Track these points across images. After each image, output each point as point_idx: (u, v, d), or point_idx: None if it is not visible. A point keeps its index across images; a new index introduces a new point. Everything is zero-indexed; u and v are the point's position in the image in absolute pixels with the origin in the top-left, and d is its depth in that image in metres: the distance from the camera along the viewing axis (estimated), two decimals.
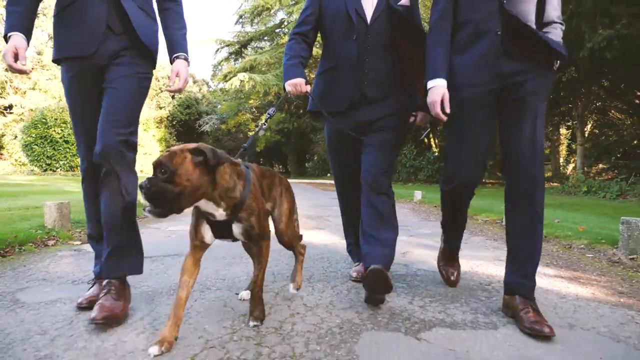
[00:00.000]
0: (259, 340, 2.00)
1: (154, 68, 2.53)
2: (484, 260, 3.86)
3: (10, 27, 2.22)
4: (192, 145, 1.80)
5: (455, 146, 2.49)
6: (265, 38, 34.28)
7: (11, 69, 2.22)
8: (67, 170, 19.31)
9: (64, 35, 2.33)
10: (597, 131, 19.75)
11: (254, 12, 31.39)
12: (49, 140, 20.96)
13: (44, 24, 37.80)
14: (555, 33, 2.34)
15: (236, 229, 2.02)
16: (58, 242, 4.52)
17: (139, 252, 2.45)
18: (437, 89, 2.39)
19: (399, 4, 2.68)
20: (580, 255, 4.22)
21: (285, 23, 30.53)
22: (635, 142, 15.81)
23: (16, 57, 2.20)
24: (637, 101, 15.08)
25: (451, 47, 2.47)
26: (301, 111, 38.44)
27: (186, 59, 2.53)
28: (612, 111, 18.17)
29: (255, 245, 2.14)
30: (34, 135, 19.03)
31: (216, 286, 2.93)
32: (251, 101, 43.38)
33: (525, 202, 2.30)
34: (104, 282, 2.31)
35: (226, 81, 30.64)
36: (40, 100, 34.83)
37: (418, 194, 11.34)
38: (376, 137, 2.72)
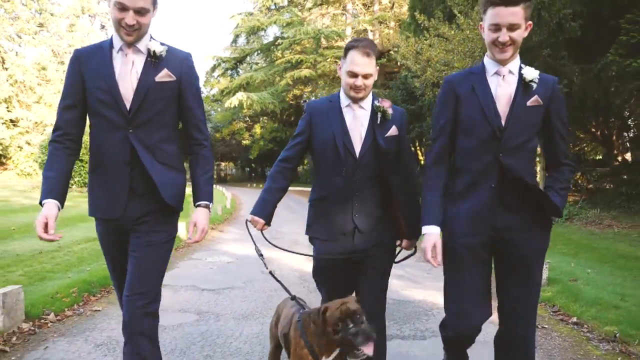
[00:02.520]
0: None
1: (176, 228, 2.62)
2: (435, 290, 5.68)
3: (45, 193, 2.30)
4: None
5: (453, 291, 2.47)
6: (260, 54, 36.07)
7: (40, 238, 2.26)
8: (81, 187, 20.91)
9: (95, 195, 2.43)
10: None
11: (249, 32, 33.15)
12: None
13: (49, 41, 39.45)
14: (559, 187, 2.42)
15: None
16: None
17: None
18: (430, 236, 2.44)
19: (387, 135, 2.67)
20: None
21: (280, 41, 32.20)
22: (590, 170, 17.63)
23: (46, 227, 2.23)
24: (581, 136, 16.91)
25: (448, 192, 2.51)
26: (292, 119, 40.19)
27: (207, 207, 2.52)
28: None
29: None
30: None
31: None
32: (245, 111, 45.11)
33: (518, 344, 2.44)
34: None
35: (223, 96, 32.45)
36: (45, 113, 36.47)
37: None
38: (370, 264, 2.72)
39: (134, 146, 2.32)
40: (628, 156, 17.14)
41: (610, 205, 13.42)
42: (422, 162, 25.64)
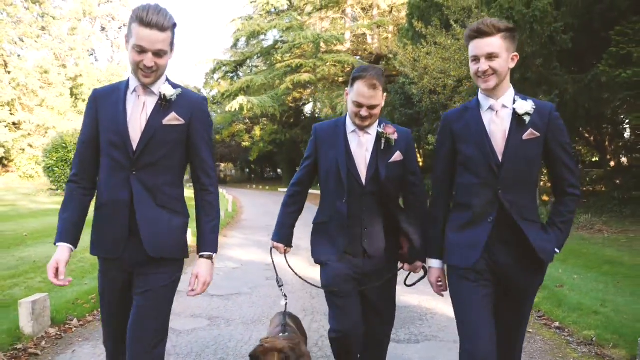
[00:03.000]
0: None
1: (183, 264, 2.55)
2: (430, 295, 6.05)
3: (59, 235, 2.35)
4: (280, 346, 2.44)
5: (465, 324, 2.45)
6: (260, 57, 36.50)
7: (51, 282, 2.31)
8: None
9: (96, 233, 2.41)
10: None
11: (249, 36, 33.55)
12: (69, 164, 22.87)
13: (51, 44, 39.84)
14: (560, 220, 2.44)
15: None
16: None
17: None
18: (434, 270, 2.59)
19: (391, 160, 2.71)
20: None
21: (280, 45, 32.56)
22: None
23: (57, 271, 2.27)
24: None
25: (449, 224, 2.53)
26: (292, 120, 40.59)
27: (210, 258, 2.46)
28: None
29: None
30: (55, 159, 20.98)
31: None
32: (244, 113, 45.58)
33: None
34: None
35: (224, 99, 32.90)
36: (47, 116, 36.91)
37: None
38: (377, 289, 2.81)
39: (132, 187, 2.32)
40: (625, 160, 17.53)
41: (603, 210, 13.80)
42: (422, 164, 26.21)
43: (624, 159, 17.43)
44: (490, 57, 2.29)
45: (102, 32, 52.15)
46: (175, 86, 2.40)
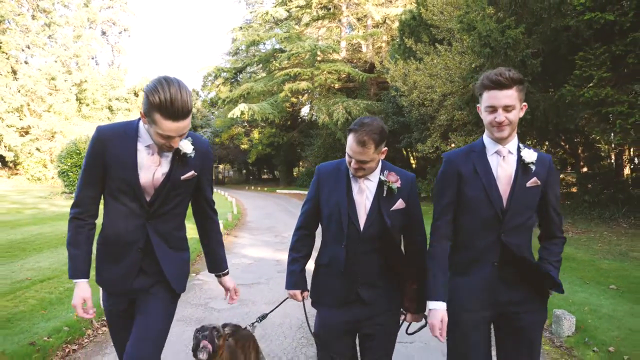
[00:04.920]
0: None
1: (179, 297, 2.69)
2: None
3: (76, 272, 2.41)
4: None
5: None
6: (259, 64, 37.97)
7: (80, 316, 2.45)
8: None
9: (103, 269, 2.51)
10: None
11: (249, 45, 35.01)
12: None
13: (58, 51, 41.28)
14: (554, 260, 2.47)
15: None
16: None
17: None
18: (437, 312, 2.43)
19: (392, 208, 2.62)
20: None
21: (278, 54, 33.96)
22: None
23: (84, 307, 2.39)
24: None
25: (451, 264, 2.52)
26: (289, 123, 41.95)
27: (228, 273, 2.86)
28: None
29: None
30: (69, 164, 22.40)
31: None
32: (243, 116, 46.87)
33: None
34: None
35: (225, 104, 34.40)
36: (54, 121, 38.41)
37: None
38: (374, 335, 2.71)
39: (149, 235, 2.42)
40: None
41: (574, 212, 15.31)
42: (414, 166, 27.61)
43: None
44: (507, 108, 2.34)
45: (102, 36, 53.34)
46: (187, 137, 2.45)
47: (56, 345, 4.58)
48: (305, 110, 44.74)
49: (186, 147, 2.40)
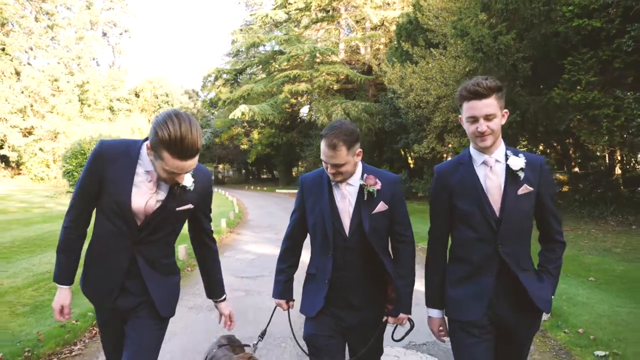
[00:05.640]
0: None
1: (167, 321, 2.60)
2: None
3: (61, 277, 2.44)
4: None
5: None
6: (259, 66, 38.52)
7: (56, 320, 2.49)
8: None
9: (88, 278, 2.48)
10: None
11: (249, 47, 35.56)
12: None
13: (60, 53, 41.83)
14: (552, 267, 2.46)
15: None
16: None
17: None
18: (435, 320, 2.55)
19: (374, 211, 2.63)
20: None
21: (278, 56, 34.46)
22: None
23: (62, 310, 2.45)
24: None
25: (449, 277, 2.52)
26: (288, 123, 42.45)
27: (225, 298, 2.84)
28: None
29: None
30: (74, 164, 22.87)
31: None
32: (244, 116, 47.40)
33: None
34: None
35: (225, 106, 34.97)
36: (57, 122, 38.99)
37: None
38: (361, 341, 2.73)
39: (135, 258, 2.37)
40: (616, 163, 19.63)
41: (565, 210, 15.79)
42: (412, 166, 28.14)
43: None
44: (488, 117, 2.32)
45: (103, 37, 53.81)
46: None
47: (84, 327, 5.16)
48: (304, 111, 45.27)
49: (187, 180, 2.34)
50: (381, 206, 2.64)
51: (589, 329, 5.06)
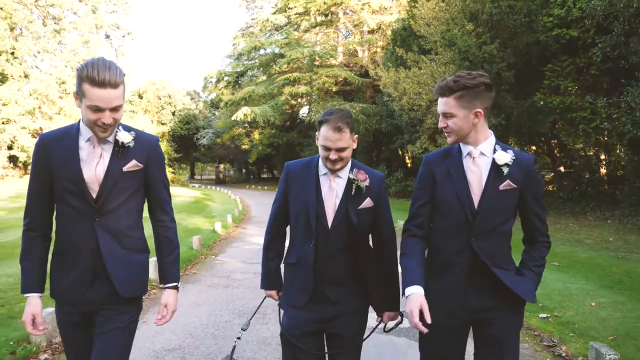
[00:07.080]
0: None
1: (141, 308, 2.53)
2: None
3: (27, 286, 2.34)
4: None
5: None
6: (260, 69, 39.62)
7: (30, 333, 2.37)
8: None
9: (57, 278, 2.39)
10: None
11: (250, 50, 36.66)
12: None
13: (67, 56, 42.96)
14: (534, 264, 2.39)
15: None
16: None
17: None
18: (415, 297, 2.26)
19: (360, 207, 2.60)
20: None
21: (279, 60, 35.52)
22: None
23: (34, 322, 2.32)
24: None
25: (425, 268, 2.41)
26: (288, 124, 43.46)
27: (175, 288, 2.53)
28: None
29: None
30: None
31: None
32: (245, 117, 48.26)
33: None
34: None
35: (227, 107, 36.07)
36: (66, 123, 39.90)
37: None
38: (341, 334, 2.66)
39: (97, 235, 2.30)
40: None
41: (550, 207, 16.81)
42: (409, 165, 29.02)
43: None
44: (446, 115, 2.33)
45: (106, 39, 54.74)
46: (127, 129, 2.39)
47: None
48: (304, 111, 46.18)
49: (124, 137, 2.33)
50: (367, 202, 2.62)
51: (540, 299, 6.08)
